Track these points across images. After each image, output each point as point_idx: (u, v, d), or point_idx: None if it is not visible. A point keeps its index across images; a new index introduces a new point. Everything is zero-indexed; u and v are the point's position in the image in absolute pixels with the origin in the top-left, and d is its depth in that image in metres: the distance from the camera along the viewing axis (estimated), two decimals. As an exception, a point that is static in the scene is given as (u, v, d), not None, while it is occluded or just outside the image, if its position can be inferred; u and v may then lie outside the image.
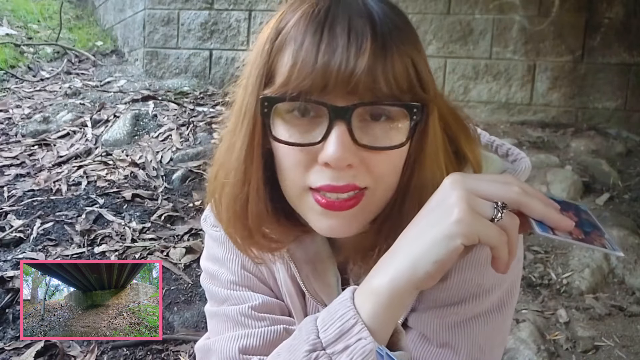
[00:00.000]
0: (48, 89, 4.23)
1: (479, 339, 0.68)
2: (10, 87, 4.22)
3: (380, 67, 0.54)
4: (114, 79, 4.40)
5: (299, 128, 0.57)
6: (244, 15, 4.20)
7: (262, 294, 0.76)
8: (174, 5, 4.32)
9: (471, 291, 0.68)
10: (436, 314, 0.69)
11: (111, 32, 5.39)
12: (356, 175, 0.57)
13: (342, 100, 0.54)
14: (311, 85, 0.53)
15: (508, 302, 0.71)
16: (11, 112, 3.70)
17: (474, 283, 0.68)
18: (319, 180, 0.57)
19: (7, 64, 4.49)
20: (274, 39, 0.58)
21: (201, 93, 3.99)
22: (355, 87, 0.53)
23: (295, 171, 0.59)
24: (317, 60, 0.53)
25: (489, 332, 0.69)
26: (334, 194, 0.57)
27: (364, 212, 0.60)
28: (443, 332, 0.68)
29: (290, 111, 0.57)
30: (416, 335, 0.71)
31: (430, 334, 0.69)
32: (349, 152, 0.54)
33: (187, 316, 1.93)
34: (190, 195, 2.68)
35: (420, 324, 0.70)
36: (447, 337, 0.68)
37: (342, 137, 0.54)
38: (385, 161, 0.58)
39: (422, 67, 0.58)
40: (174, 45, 4.37)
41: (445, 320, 0.69)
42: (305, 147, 0.56)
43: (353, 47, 0.53)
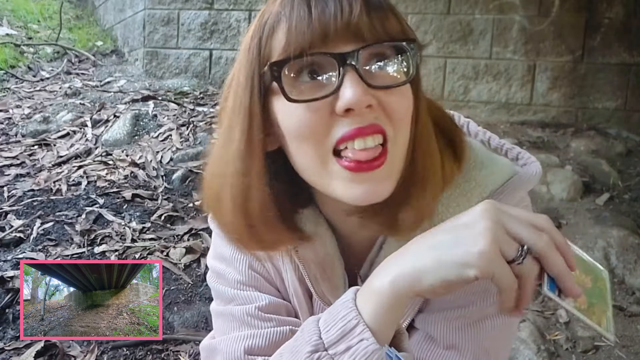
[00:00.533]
0: (48, 89, 4.23)
1: (485, 341, 0.68)
2: (10, 87, 4.22)
3: (373, 11, 0.55)
4: (114, 79, 4.40)
5: (311, 89, 0.57)
6: (244, 15, 4.21)
7: (268, 294, 0.76)
8: (174, 5, 4.32)
9: (479, 294, 0.68)
10: (443, 315, 0.69)
11: (111, 32, 5.39)
12: (377, 117, 0.57)
13: (346, 45, 0.55)
14: (311, 38, 0.54)
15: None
16: (11, 112, 3.70)
17: (481, 287, 0.68)
18: (342, 130, 0.57)
19: (7, 64, 4.49)
20: (260, 31, 0.59)
21: (201, 93, 3.99)
22: (355, 30, 0.55)
23: (315, 135, 0.58)
24: (311, 15, 0.54)
25: (495, 335, 0.69)
26: (362, 144, 0.56)
27: (392, 169, 0.60)
28: (449, 334, 0.69)
29: (299, 73, 0.57)
30: (422, 336, 0.71)
31: (436, 335, 0.70)
32: (365, 93, 0.55)
33: (187, 316, 1.93)
34: (190, 195, 2.68)
35: (427, 325, 0.71)
36: (453, 339, 0.68)
37: (355, 81, 0.55)
38: (399, 102, 0.58)
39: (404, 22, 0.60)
40: (174, 45, 4.37)
41: (452, 323, 0.69)
42: (322, 100, 0.56)
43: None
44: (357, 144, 0.56)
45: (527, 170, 0.69)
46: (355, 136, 0.56)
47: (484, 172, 0.68)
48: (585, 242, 2.44)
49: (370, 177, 0.58)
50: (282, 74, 0.56)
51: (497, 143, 0.74)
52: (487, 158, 0.70)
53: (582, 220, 2.63)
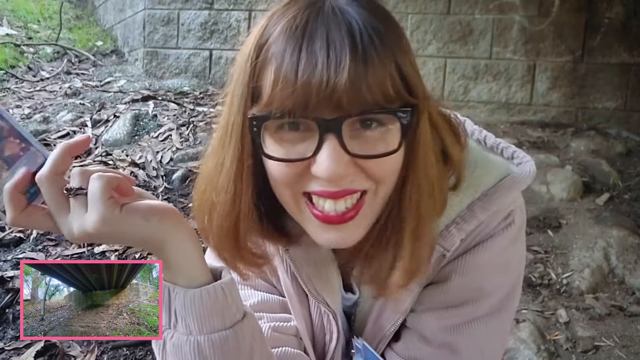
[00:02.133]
0: (48, 89, 4.23)
1: (479, 341, 0.69)
2: (10, 87, 4.21)
3: (362, 79, 0.52)
4: (114, 79, 4.40)
5: (290, 142, 0.56)
6: (244, 15, 4.20)
7: (264, 291, 0.77)
8: (174, 5, 4.32)
9: (472, 294, 0.68)
10: (435, 315, 0.69)
11: (111, 32, 5.39)
12: (353, 180, 0.56)
13: (329, 113, 0.53)
14: (294, 104, 0.53)
15: (508, 305, 0.71)
16: (11, 112, 3.70)
17: (475, 286, 0.68)
18: (315, 186, 0.57)
19: (7, 64, 4.49)
20: (255, 56, 0.57)
21: (201, 93, 3.99)
22: (338, 101, 0.52)
23: (288, 184, 0.58)
24: (297, 79, 0.52)
25: (488, 334, 0.69)
26: (332, 207, 0.57)
27: (365, 218, 0.60)
28: (442, 334, 0.69)
29: (280, 127, 0.56)
30: (415, 336, 0.71)
31: (429, 335, 0.70)
32: (342, 164, 0.54)
33: (187, 316, 1.93)
34: (190, 195, 2.68)
35: (419, 325, 0.70)
36: (446, 339, 0.68)
37: (334, 151, 0.53)
38: (382, 165, 0.57)
39: (408, 69, 0.56)
40: (174, 45, 4.37)
41: (445, 322, 0.69)
42: (299, 162, 0.56)
43: (332, 63, 0.52)
44: (328, 206, 0.57)
45: (521, 170, 0.69)
46: (327, 197, 0.57)
47: (477, 172, 0.67)
48: (585, 242, 2.44)
49: (339, 227, 0.58)
50: (263, 127, 0.56)
51: (493, 142, 0.74)
52: (481, 158, 0.69)
53: (582, 220, 2.63)
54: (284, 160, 0.56)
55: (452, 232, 0.66)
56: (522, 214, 0.70)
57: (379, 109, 0.54)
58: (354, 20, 0.54)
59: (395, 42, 0.56)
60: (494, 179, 0.67)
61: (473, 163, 0.68)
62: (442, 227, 0.66)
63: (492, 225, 0.67)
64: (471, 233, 0.67)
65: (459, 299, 0.68)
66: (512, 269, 0.70)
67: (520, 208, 0.70)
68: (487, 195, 0.66)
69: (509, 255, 0.69)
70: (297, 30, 0.54)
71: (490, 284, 0.68)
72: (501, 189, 0.66)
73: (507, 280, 0.70)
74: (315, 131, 0.54)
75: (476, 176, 0.67)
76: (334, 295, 0.74)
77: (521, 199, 0.71)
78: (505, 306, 0.70)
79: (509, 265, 0.69)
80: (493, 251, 0.67)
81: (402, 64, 0.55)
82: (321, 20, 0.54)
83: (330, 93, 0.52)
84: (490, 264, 0.68)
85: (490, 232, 0.67)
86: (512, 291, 0.71)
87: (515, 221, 0.68)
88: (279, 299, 0.78)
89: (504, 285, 0.69)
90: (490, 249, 0.67)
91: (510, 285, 0.70)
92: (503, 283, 0.69)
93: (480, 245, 0.67)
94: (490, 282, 0.68)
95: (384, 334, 0.73)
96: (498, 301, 0.69)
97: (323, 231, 0.59)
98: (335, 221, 0.58)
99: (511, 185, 0.67)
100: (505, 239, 0.67)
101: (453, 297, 0.69)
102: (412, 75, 0.57)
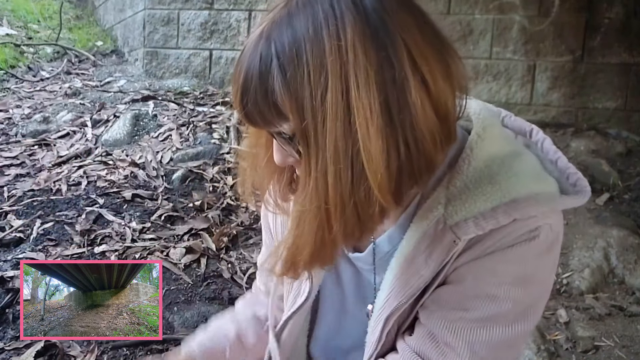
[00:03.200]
0: (48, 89, 4.23)
1: (482, 349, 0.68)
2: (10, 87, 4.22)
3: (245, 110, 0.63)
4: (114, 79, 4.40)
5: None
6: (244, 15, 4.21)
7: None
8: (174, 5, 4.32)
9: (482, 299, 0.67)
10: (444, 315, 0.69)
11: (111, 32, 5.40)
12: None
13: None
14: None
15: (524, 321, 0.69)
16: (11, 112, 3.70)
17: (488, 292, 0.67)
18: None
19: (7, 64, 4.49)
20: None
21: (201, 93, 3.99)
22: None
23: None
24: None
25: (495, 345, 0.68)
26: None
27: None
28: (448, 334, 0.69)
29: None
30: (425, 331, 0.72)
31: (437, 333, 0.70)
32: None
33: (187, 316, 1.93)
34: (190, 195, 2.68)
35: (430, 322, 0.71)
36: (451, 339, 0.69)
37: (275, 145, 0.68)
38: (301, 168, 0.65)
39: (278, 94, 0.59)
40: (174, 45, 4.37)
41: (451, 323, 0.69)
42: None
43: (236, 94, 0.63)
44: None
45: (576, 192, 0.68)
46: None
47: (513, 180, 0.65)
48: (585, 242, 2.44)
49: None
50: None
51: (564, 166, 0.72)
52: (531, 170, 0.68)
53: (582, 220, 2.63)
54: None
55: (468, 224, 0.65)
56: (552, 233, 0.67)
57: (268, 128, 0.65)
58: (259, 51, 0.60)
59: (282, 73, 0.59)
60: (529, 190, 0.65)
61: (517, 172, 0.66)
62: (460, 218, 0.65)
63: (515, 235, 0.65)
64: (491, 237, 0.66)
65: (468, 302, 0.68)
66: (532, 284, 0.68)
67: (551, 227, 0.67)
68: (516, 202, 0.64)
69: (530, 270, 0.67)
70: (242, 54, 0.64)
71: (504, 294, 0.67)
72: (532, 200, 0.64)
73: (526, 294, 0.67)
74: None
75: (512, 183, 0.65)
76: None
77: (556, 219, 0.68)
78: (518, 320, 0.68)
79: (527, 279, 0.67)
80: (511, 261, 0.66)
81: (277, 95, 0.59)
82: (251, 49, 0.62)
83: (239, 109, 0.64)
84: (507, 273, 0.66)
85: (512, 242, 0.65)
86: (530, 308, 0.69)
87: (540, 236, 0.65)
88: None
89: (520, 298, 0.67)
90: (509, 257, 0.66)
91: (527, 302, 0.68)
92: (519, 296, 0.67)
93: (499, 252, 0.66)
94: (505, 292, 0.66)
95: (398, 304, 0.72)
96: (513, 314, 0.68)
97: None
98: None
99: (545, 200, 0.65)
100: (526, 251, 0.65)
101: (464, 298, 0.68)
102: (282, 98, 0.59)
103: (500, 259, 0.66)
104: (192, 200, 2.63)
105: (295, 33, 0.58)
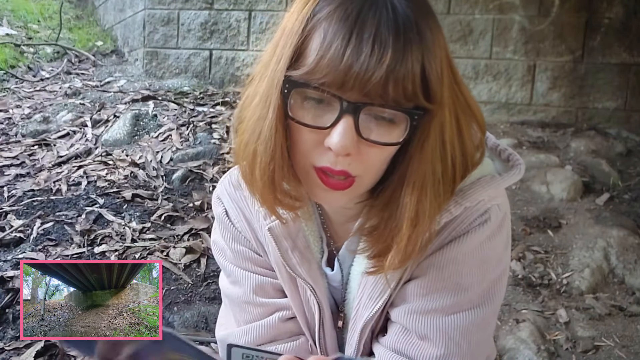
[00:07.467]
0: (48, 89, 4.23)
1: (456, 334, 0.71)
2: (10, 87, 4.22)
3: (392, 77, 0.58)
4: (114, 79, 4.40)
5: (313, 111, 0.62)
6: (244, 15, 4.21)
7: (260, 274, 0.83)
8: (174, 5, 4.32)
9: (449, 289, 0.71)
10: (414, 308, 0.72)
11: (111, 32, 5.40)
12: (351, 163, 0.63)
13: (354, 97, 0.59)
14: (332, 81, 0.58)
15: (489, 301, 0.73)
16: (11, 112, 3.70)
17: (453, 281, 0.71)
18: (320, 160, 0.64)
19: (7, 64, 4.49)
20: (306, 20, 0.61)
21: (201, 93, 3.99)
22: (368, 90, 0.58)
23: (303, 147, 0.64)
24: (342, 61, 0.58)
25: (467, 328, 0.71)
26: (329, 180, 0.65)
27: (354, 192, 0.67)
28: (421, 326, 0.71)
29: (306, 96, 0.62)
30: (398, 328, 0.74)
31: (410, 327, 0.73)
32: (351, 142, 0.60)
33: (187, 316, 1.93)
34: (190, 195, 2.68)
35: (401, 318, 0.74)
36: (424, 330, 0.71)
37: (348, 129, 0.60)
38: (377, 154, 0.63)
39: (433, 75, 0.61)
40: (174, 45, 4.37)
41: (423, 315, 0.71)
42: (316, 129, 0.62)
43: (375, 57, 0.57)
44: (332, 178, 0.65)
45: (510, 171, 0.73)
46: (324, 172, 0.64)
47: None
48: (585, 242, 2.44)
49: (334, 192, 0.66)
50: (293, 91, 0.61)
51: (493, 143, 0.77)
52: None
53: (582, 220, 2.63)
54: (305, 125, 0.62)
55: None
56: (500, 212, 0.72)
57: (396, 105, 0.60)
58: (401, 19, 0.59)
59: (430, 48, 0.61)
60: (473, 177, 0.70)
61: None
62: None
63: (468, 222, 0.70)
64: (447, 228, 0.70)
65: (437, 293, 0.71)
66: (489, 265, 0.72)
67: (499, 206, 0.72)
68: (462, 190, 0.69)
69: (486, 252, 0.71)
70: (350, 16, 0.59)
71: (468, 279, 0.71)
72: (476, 185, 0.70)
73: (486, 276, 0.72)
74: (336, 108, 0.60)
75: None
76: (311, 270, 0.78)
77: (502, 198, 0.73)
78: (485, 302, 0.72)
79: (485, 261, 0.71)
80: (468, 247, 0.70)
81: (429, 70, 0.60)
82: (373, 11, 0.59)
83: (365, 82, 0.58)
84: (466, 259, 0.70)
85: (466, 228, 0.70)
86: (493, 287, 0.73)
87: (491, 218, 0.70)
88: (271, 281, 0.83)
89: (482, 281, 0.71)
90: (466, 244, 0.70)
91: (489, 281, 0.72)
92: (481, 279, 0.71)
93: (456, 240, 0.70)
94: (468, 277, 0.71)
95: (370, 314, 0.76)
96: (478, 296, 0.72)
97: (325, 193, 0.67)
98: (336, 187, 0.65)
99: (488, 182, 0.70)
100: (481, 235, 0.70)
101: (431, 291, 0.71)
102: (435, 81, 0.61)
103: (459, 247, 0.70)
104: (192, 200, 2.63)
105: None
